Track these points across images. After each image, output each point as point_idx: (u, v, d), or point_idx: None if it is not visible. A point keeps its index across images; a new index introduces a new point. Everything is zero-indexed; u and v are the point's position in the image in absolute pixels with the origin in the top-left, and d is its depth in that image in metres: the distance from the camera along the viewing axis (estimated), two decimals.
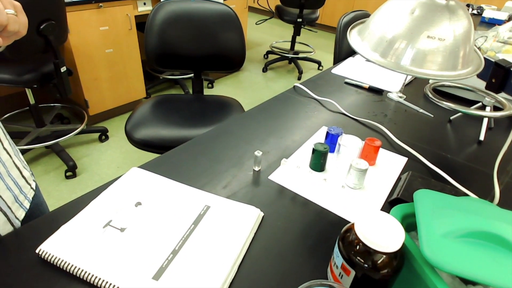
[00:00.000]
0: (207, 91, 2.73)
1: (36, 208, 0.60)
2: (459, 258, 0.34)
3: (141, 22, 2.21)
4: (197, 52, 1.31)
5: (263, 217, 0.54)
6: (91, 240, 0.46)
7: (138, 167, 0.61)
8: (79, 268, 0.42)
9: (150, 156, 1.92)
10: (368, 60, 0.49)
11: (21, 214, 0.54)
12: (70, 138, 1.99)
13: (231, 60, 1.35)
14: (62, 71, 1.53)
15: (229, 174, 0.62)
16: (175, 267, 0.43)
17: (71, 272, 0.42)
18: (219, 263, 0.44)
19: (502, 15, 1.90)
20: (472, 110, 0.55)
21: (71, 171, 1.73)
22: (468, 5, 2.24)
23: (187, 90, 2.61)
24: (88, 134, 2.05)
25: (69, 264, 0.42)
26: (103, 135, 2.02)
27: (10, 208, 0.51)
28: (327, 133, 0.68)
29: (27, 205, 0.56)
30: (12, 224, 0.52)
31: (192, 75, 1.42)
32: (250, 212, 0.53)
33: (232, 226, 0.50)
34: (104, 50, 1.94)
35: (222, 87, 2.82)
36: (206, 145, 0.70)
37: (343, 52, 1.50)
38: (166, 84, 2.74)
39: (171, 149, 0.68)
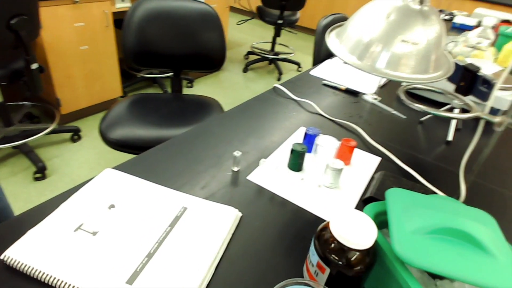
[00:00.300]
0: (186, 91, 2.69)
1: (0, 212, 0.57)
2: (427, 254, 0.35)
3: (119, 19, 2.15)
4: (177, 51, 1.29)
5: (241, 217, 0.54)
6: (61, 244, 0.44)
7: (113, 168, 0.59)
8: (47, 274, 0.40)
9: (126, 157, 1.87)
10: (345, 63, 0.50)
11: None
12: (40, 138, 1.90)
13: (211, 59, 1.34)
14: (33, 68, 1.46)
15: (208, 174, 0.62)
16: (150, 270, 0.42)
17: (39, 278, 0.40)
18: (196, 265, 0.44)
19: (472, 21, 1.99)
20: (442, 112, 0.58)
21: (40, 172, 1.66)
22: (440, 11, 2.34)
23: (165, 89, 2.57)
24: (60, 134, 1.97)
25: (37, 270, 0.40)
26: (76, 135, 1.95)
27: None
28: (305, 133, 0.69)
29: None
30: None
31: (171, 74, 1.39)
32: (228, 212, 0.52)
33: (209, 227, 0.50)
34: (78, 47, 1.87)
35: (202, 87, 2.80)
36: (185, 145, 0.69)
37: (322, 54, 1.53)
38: (143, 83, 2.68)
39: (147, 150, 0.67)
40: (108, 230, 0.47)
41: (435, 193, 0.62)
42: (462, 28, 2.00)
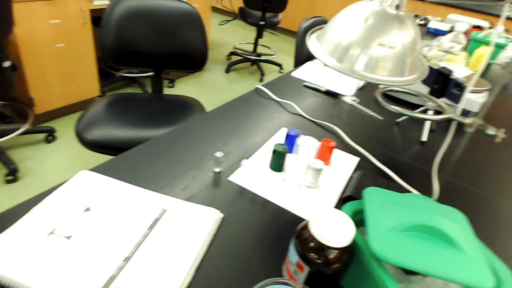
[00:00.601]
0: (167, 91, 2.65)
1: None
2: (402, 250, 0.37)
3: (97, 17, 2.09)
4: (158, 50, 1.27)
5: (222, 218, 0.53)
6: (33, 250, 0.42)
7: (89, 170, 0.58)
8: (19, 282, 0.38)
9: (103, 158, 1.82)
10: (325, 65, 0.51)
11: None
12: (12, 139, 1.82)
13: (193, 59, 1.33)
14: (5, 65, 1.40)
15: (189, 175, 0.61)
16: (128, 275, 0.41)
17: (10, 287, 0.38)
18: (175, 267, 0.43)
19: (445, 26, 2.08)
20: (416, 114, 0.60)
21: (12, 175, 1.59)
22: (416, 16, 2.43)
23: (145, 89, 2.52)
24: (33, 135, 1.89)
25: (8, 278, 0.38)
26: (50, 136, 1.88)
27: None
28: (287, 134, 0.70)
29: None
30: None
31: (151, 73, 1.37)
32: (209, 214, 0.52)
33: (190, 229, 0.49)
34: (54, 44, 1.81)
35: (184, 87, 2.77)
36: (165, 146, 0.68)
37: (303, 56, 1.55)
38: (122, 82, 2.62)
39: (126, 151, 0.65)
40: (84, 234, 0.45)
41: (410, 191, 0.65)
42: (436, 33, 2.08)
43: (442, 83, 0.90)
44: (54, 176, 1.67)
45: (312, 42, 0.55)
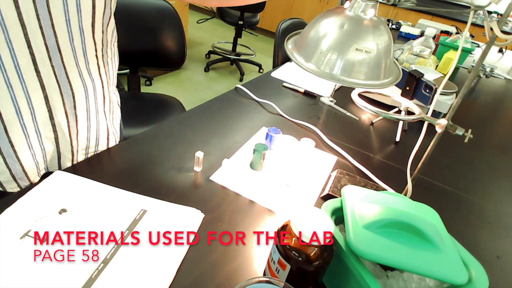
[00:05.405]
0: (145, 89, 2.59)
1: None
2: (379, 247, 0.38)
3: None
4: (133, 46, 1.24)
5: (203, 218, 0.53)
6: (5, 254, 0.40)
7: (62, 170, 0.56)
8: None
9: None
10: (305, 70, 0.51)
11: None
12: None
13: (171, 57, 1.31)
14: None
15: (169, 175, 0.60)
16: (107, 277, 0.40)
17: None
18: (156, 269, 0.42)
19: (416, 31, 2.17)
20: (390, 114, 0.63)
21: None
22: (388, 20, 2.52)
23: (121, 87, 2.44)
24: None
25: None
26: None
27: None
28: (267, 133, 0.70)
29: None
30: None
31: (127, 71, 1.33)
32: (190, 214, 0.52)
33: (170, 229, 0.48)
34: None
35: (162, 85, 2.71)
36: (143, 146, 0.67)
37: (282, 56, 1.56)
38: None
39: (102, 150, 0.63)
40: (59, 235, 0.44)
41: (385, 189, 0.67)
42: (408, 37, 2.17)
43: (413, 85, 0.94)
44: None
45: (290, 48, 0.56)
